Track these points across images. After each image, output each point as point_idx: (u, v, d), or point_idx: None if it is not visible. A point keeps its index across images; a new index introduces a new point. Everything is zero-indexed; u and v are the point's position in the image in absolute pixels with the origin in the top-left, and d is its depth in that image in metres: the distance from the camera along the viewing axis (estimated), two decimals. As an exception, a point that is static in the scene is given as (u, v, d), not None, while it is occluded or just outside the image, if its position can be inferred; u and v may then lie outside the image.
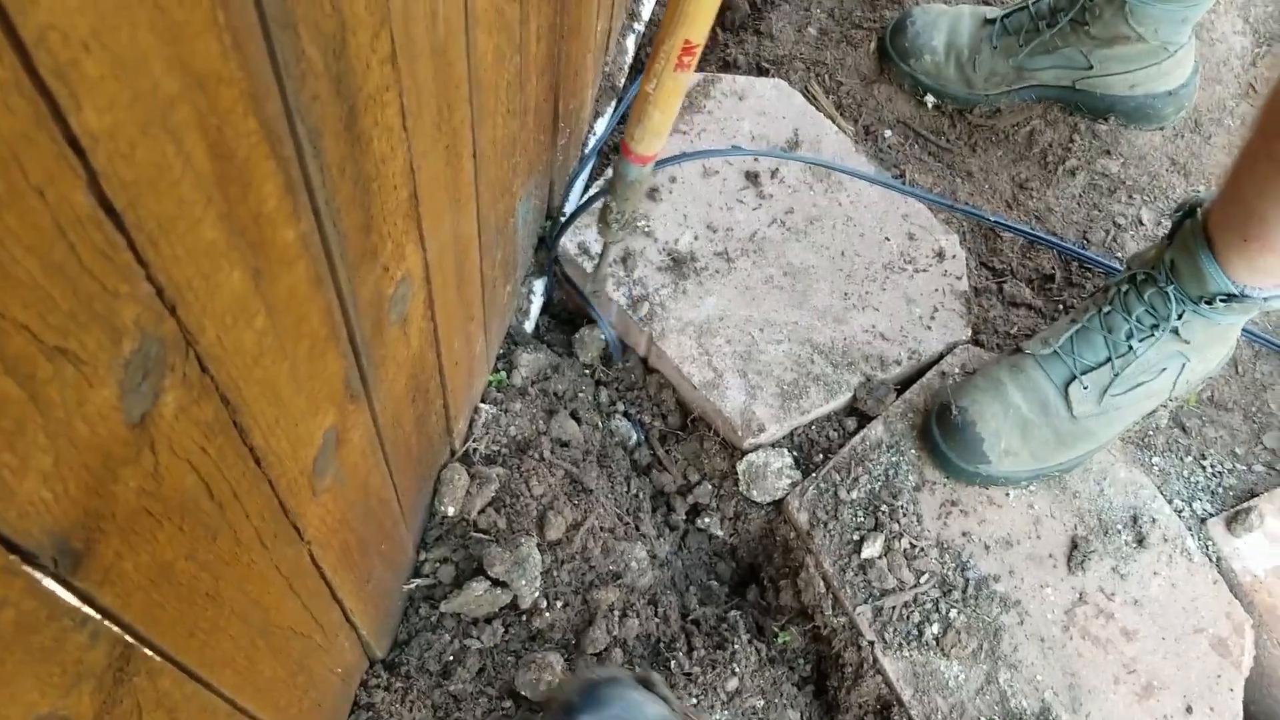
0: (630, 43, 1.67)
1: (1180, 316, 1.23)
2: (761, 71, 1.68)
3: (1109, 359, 1.27)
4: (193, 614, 0.61)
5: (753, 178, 1.50)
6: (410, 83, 0.65)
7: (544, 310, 1.47)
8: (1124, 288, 1.27)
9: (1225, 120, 1.72)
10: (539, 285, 1.43)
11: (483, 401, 1.27)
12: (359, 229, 0.65)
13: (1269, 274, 1.15)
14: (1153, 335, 1.25)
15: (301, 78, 0.50)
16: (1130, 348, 1.26)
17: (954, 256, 1.48)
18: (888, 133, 1.66)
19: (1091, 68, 1.59)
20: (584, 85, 1.36)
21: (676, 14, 0.94)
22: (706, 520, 1.38)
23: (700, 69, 1.70)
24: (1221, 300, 1.18)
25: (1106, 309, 1.28)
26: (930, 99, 1.69)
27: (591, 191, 1.45)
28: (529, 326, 1.42)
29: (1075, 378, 1.27)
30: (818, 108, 1.61)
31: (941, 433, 1.30)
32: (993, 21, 1.64)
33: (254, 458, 0.60)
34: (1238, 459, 1.42)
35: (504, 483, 1.22)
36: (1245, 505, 1.34)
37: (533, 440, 1.27)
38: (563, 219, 1.43)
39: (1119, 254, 1.57)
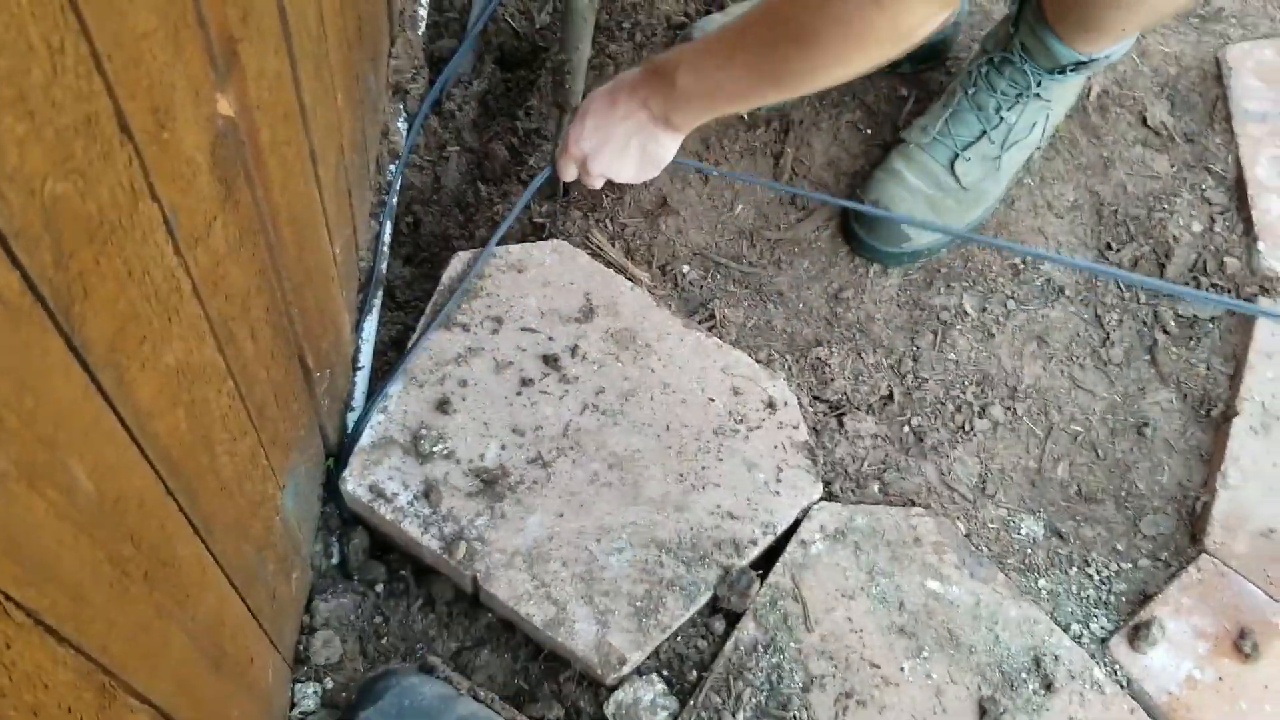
0: (385, 220, 1.48)
1: (1039, 84, 1.39)
2: (537, 229, 1.51)
3: (984, 132, 1.42)
4: None
5: (552, 361, 1.33)
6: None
7: (341, 565, 1.25)
8: (984, 69, 1.42)
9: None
10: (334, 547, 1.22)
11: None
12: None
13: (1103, 42, 1.32)
14: (1019, 103, 1.41)
15: None
16: (1001, 118, 1.42)
17: (785, 404, 1.34)
18: (685, 268, 1.52)
19: None
20: (333, 316, 1.15)
21: None
22: (582, 774, 1.20)
23: (467, 246, 1.52)
24: (1071, 69, 1.36)
25: (972, 90, 1.42)
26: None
27: (370, 420, 1.25)
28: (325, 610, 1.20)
29: (958, 155, 1.43)
30: (607, 261, 1.45)
31: (861, 226, 1.47)
32: None
33: None
34: (1121, 556, 1.33)
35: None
36: (1144, 618, 1.25)
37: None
38: (348, 455, 1.23)
39: (950, 355, 1.47)
